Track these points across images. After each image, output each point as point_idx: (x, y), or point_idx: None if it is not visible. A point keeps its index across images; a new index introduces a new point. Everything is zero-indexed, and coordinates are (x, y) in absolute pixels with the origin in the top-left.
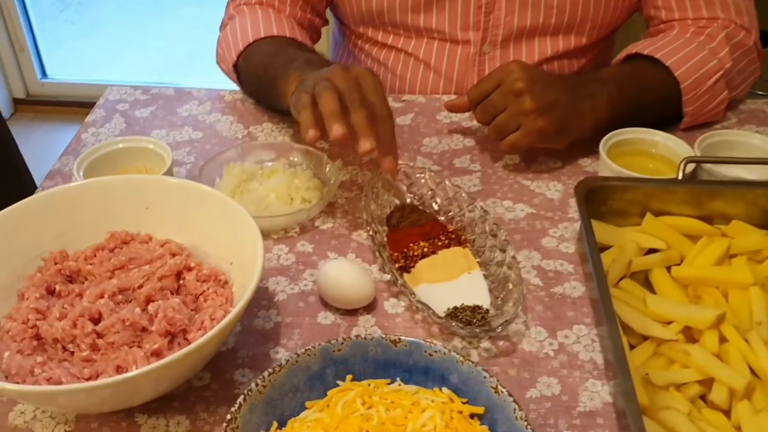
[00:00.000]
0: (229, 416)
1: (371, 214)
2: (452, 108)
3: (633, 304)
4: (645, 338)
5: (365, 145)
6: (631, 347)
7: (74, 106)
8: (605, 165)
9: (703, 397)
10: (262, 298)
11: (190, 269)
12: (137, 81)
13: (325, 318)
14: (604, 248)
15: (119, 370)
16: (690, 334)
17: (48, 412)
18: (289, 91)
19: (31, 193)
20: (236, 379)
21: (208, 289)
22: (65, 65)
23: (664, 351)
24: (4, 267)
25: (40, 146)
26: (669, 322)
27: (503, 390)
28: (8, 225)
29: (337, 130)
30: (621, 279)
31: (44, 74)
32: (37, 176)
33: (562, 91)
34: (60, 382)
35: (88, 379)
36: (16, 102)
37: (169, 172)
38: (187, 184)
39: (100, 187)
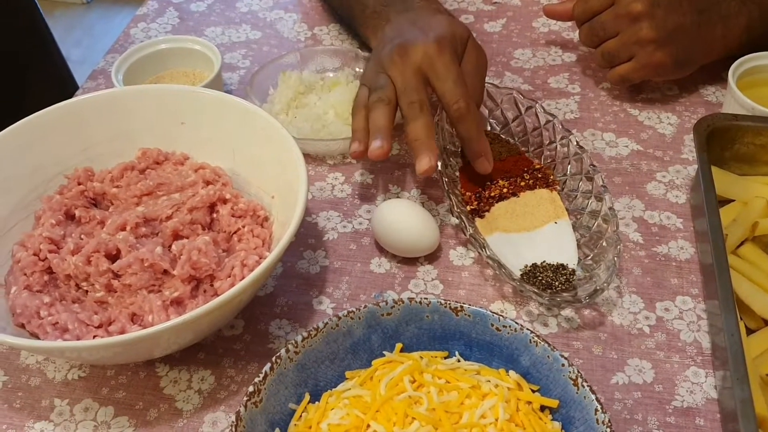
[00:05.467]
0: (251, 388)
1: (442, 143)
2: (552, 14)
3: (755, 277)
4: (766, 323)
5: (421, 164)
6: (748, 332)
7: None
8: (734, 98)
9: None
10: (309, 236)
11: (225, 201)
12: None
13: (379, 266)
14: (724, 202)
15: (134, 318)
16: None
17: None
18: (371, 39)
19: (73, 94)
20: (271, 332)
21: (243, 227)
22: None
23: None
24: (24, 183)
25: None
26: None
27: (585, 385)
28: (30, 136)
29: (375, 147)
30: (742, 243)
31: None
32: None
33: (690, 14)
34: (66, 329)
35: (98, 327)
36: None
37: (218, 78)
38: (224, 98)
39: (127, 98)
